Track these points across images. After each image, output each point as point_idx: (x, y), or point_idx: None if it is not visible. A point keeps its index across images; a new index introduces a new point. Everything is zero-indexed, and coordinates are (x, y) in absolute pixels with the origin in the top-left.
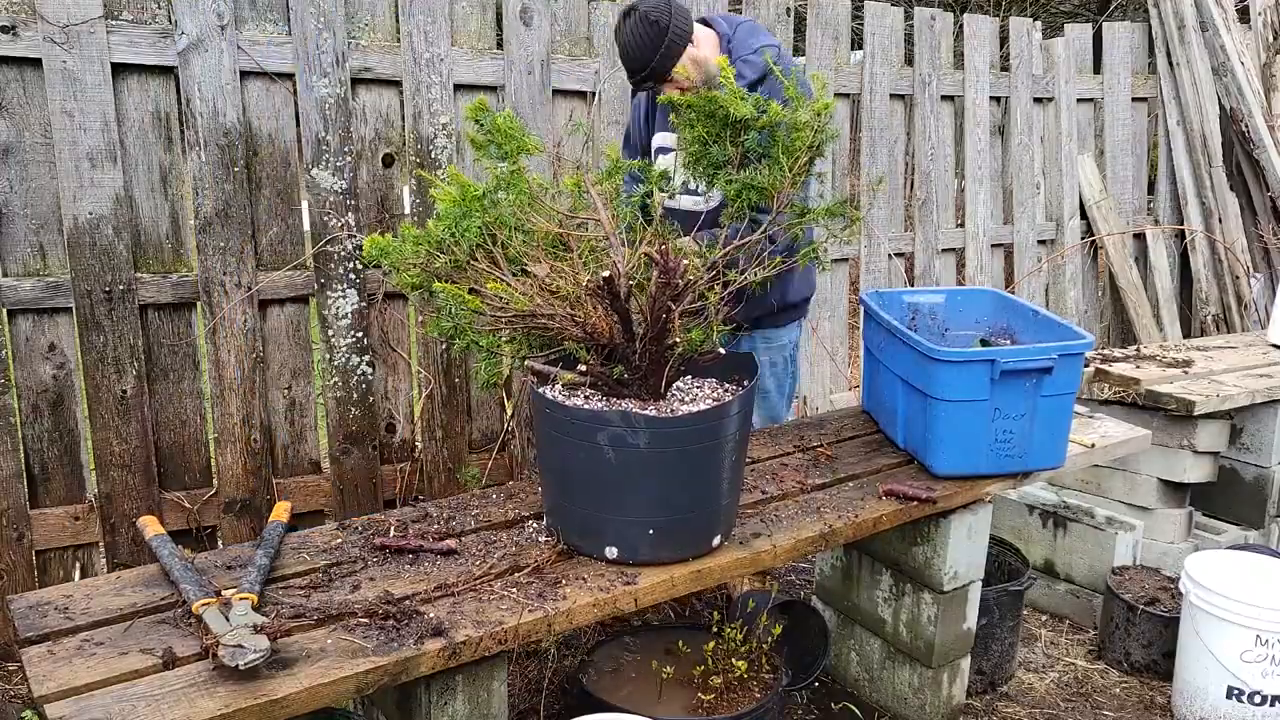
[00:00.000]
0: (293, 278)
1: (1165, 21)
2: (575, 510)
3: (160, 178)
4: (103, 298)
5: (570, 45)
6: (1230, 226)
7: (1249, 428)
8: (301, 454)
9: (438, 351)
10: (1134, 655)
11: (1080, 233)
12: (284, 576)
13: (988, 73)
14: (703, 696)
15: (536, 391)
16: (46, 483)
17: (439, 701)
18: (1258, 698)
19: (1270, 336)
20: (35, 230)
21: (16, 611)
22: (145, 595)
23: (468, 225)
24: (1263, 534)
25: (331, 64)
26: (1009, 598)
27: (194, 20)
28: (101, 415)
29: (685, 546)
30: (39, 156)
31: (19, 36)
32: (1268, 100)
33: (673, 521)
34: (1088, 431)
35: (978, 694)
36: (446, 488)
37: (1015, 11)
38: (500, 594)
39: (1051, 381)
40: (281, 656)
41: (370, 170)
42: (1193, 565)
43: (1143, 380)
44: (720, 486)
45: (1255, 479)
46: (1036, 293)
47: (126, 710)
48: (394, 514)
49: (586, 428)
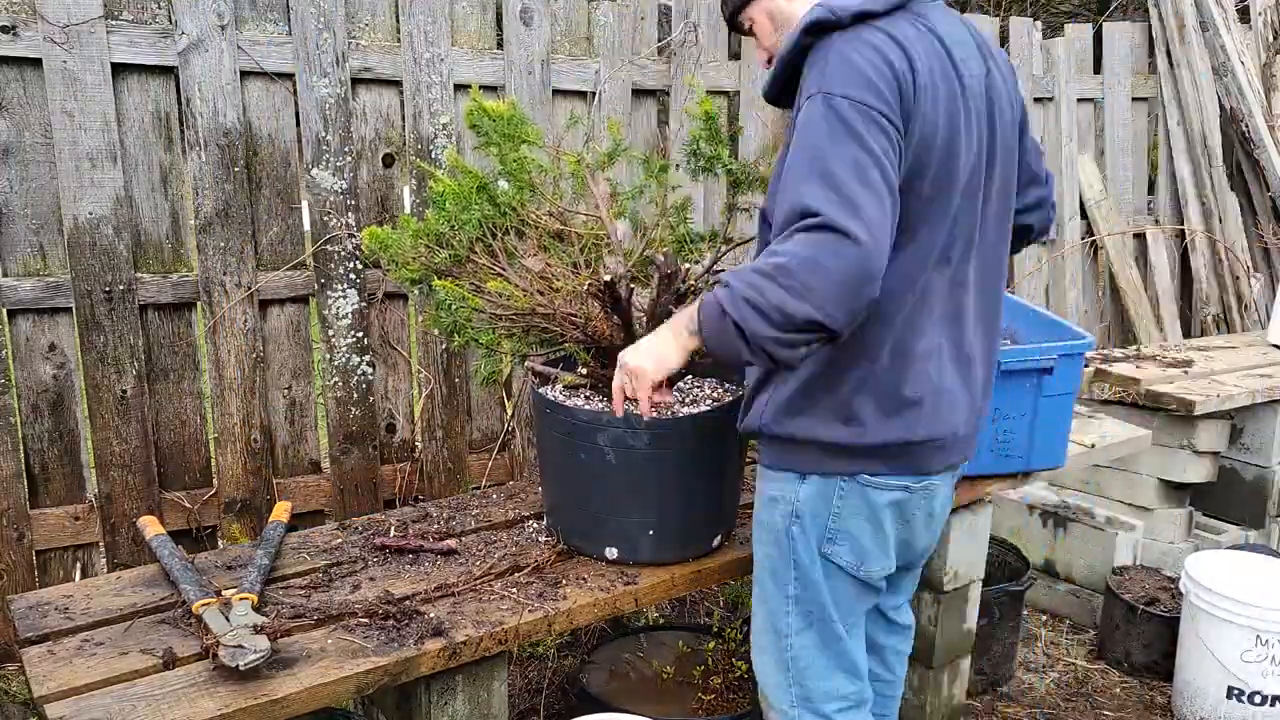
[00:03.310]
0: (293, 278)
1: (1165, 21)
2: (575, 511)
3: (160, 178)
4: (103, 298)
5: (570, 45)
6: (1230, 226)
7: (1249, 428)
8: (301, 454)
9: (438, 351)
10: (1134, 655)
11: (1080, 233)
12: (284, 576)
13: None
14: (703, 697)
15: (537, 392)
16: (46, 483)
17: (439, 701)
18: (1258, 698)
19: (1270, 336)
20: (35, 230)
21: (16, 611)
22: (145, 595)
23: (467, 218)
24: (1263, 534)
25: (331, 64)
26: (1009, 598)
27: (194, 20)
28: (101, 415)
29: (685, 547)
30: (39, 156)
31: (19, 36)
32: (1268, 100)
33: (672, 522)
34: (1088, 431)
35: (978, 694)
36: (446, 488)
37: (1015, 11)
38: (500, 594)
39: (1052, 381)
40: (281, 656)
41: (370, 170)
42: (1193, 565)
43: (1143, 380)
44: (720, 487)
45: (1255, 479)
46: (1036, 293)
47: (126, 710)
48: (394, 514)
49: (586, 428)
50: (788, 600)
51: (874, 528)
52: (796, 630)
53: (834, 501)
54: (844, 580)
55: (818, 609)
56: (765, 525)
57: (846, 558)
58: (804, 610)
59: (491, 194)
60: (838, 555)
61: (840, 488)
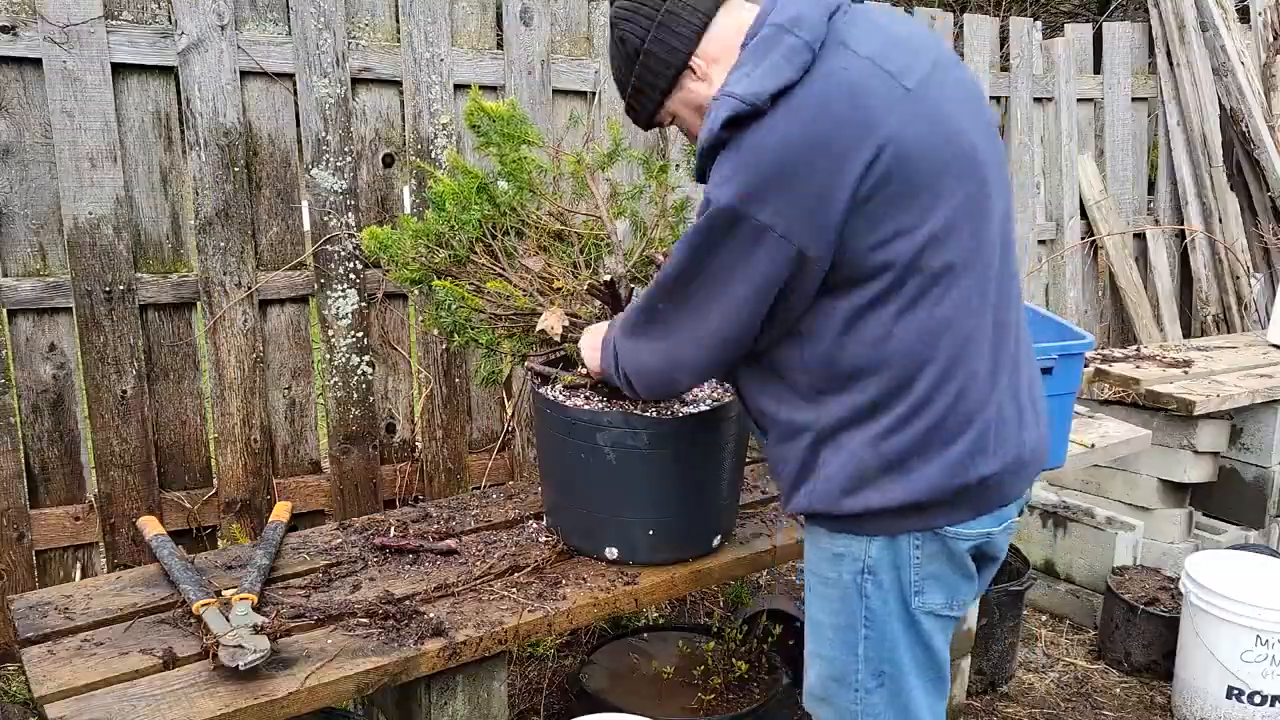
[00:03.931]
0: (293, 278)
1: (1165, 21)
2: (575, 510)
3: (160, 178)
4: (103, 298)
5: (570, 45)
6: (1230, 226)
7: (1249, 428)
8: (301, 454)
9: (438, 351)
10: (1134, 655)
11: (1080, 233)
12: (284, 576)
13: (988, 73)
14: (703, 697)
15: (537, 392)
16: (46, 483)
17: (439, 701)
18: (1258, 698)
19: (1270, 336)
20: (35, 230)
21: (16, 611)
22: (145, 595)
23: (467, 218)
24: (1263, 534)
25: (331, 64)
26: (1009, 598)
27: (194, 20)
28: (101, 415)
29: (685, 547)
30: (39, 156)
31: (19, 36)
32: (1268, 100)
33: (672, 522)
34: (1088, 431)
35: (978, 694)
36: (446, 488)
37: (1015, 11)
38: (500, 594)
39: (1052, 381)
40: (281, 656)
41: (370, 170)
42: (1193, 565)
43: (1143, 380)
44: (720, 487)
45: (1255, 479)
46: (1036, 293)
47: (126, 710)
48: (394, 514)
49: (586, 429)
50: (857, 660)
51: (957, 565)
52: (868, 689)
53: (911, 553)
54: (933, 623)
55: (891, 667)
56: (829, 581)
57: (938, 601)
58: (875, 670)
59: (491, 194)
60: (929, 604)
61: (915, 540)
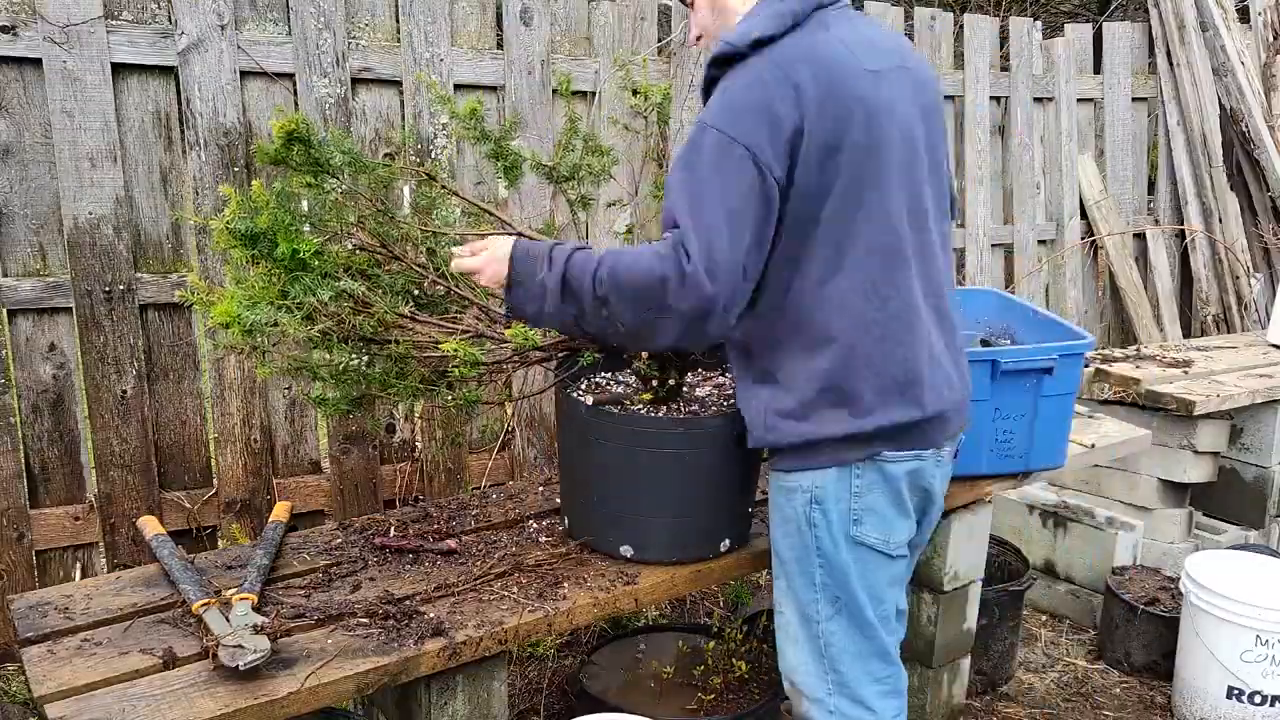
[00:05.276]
0: None
1: (1165, 21)
2: (593, 509)
3: (160, 178)
4: (103, 298)
5: (570, 45)
6: (1230, 226)
7: (1249, 428)
8: (301, 454)
9: None
10: (1134, 655)
11: (1080, 233)
12: (284, 576)
13: (988, 73)
14: (703, 697)
15: (570, 398)
16: (46, 483)
17: (439, 701)
18: (1258, 698)
19: (1270, 336)
20: (35, 230)
21: (16, 611)
22: (145, 595)
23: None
24: (1263, 534)
25: (331, 64)
26: (1009, 598)
27: (194, 20)
28: (101, 415)
29: (702, 546)
30: (39, 156)
31: (19, 36)
32: (1268, 100)
33: (694, 522)
34: (1088, 431)
35: (978, 694)
36: (446, 488)
37: (1015, 11)
38: (500, 594)
39: (1052, 381)
40: (282, 656)
41: None
42: (1193, 565)
43: (1143, 380)
44: (734, 490)
45: (1255, 479)
46: (1036, 293)
47: (126, 710)
48: (394, 514)
49: (619, 431)
50: (815, 588)
51: (894, 499)
52: (827, 616)
53: (852, 483)
54: (872, 559)
55: (845, 595)
56: (785, 516)
57: (874, 535)
58: (831, 596)
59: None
60: (865, 535)
61: (856, 470)
